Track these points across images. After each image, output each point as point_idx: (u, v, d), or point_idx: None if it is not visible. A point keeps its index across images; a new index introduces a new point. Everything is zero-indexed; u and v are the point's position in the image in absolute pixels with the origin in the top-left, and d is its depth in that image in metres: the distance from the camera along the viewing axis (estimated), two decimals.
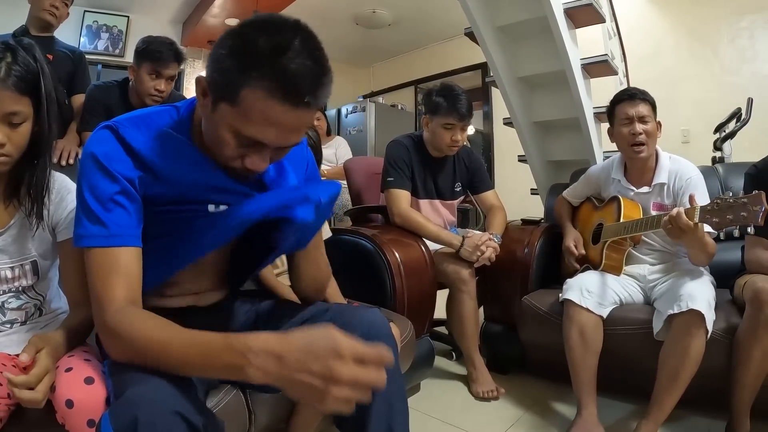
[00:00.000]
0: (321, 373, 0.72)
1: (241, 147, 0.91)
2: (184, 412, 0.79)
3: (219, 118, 0.88)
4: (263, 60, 0.81)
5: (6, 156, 1.05)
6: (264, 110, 0.84)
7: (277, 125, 0.86)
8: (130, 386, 0.80)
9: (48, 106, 1.08)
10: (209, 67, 0.88)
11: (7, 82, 1.00)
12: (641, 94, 1.97)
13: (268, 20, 0.85)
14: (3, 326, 1.17)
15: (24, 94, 1.03)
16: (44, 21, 2.39)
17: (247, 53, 0.82)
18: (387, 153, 2.38)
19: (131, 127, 0.99)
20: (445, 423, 1.94)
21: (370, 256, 1.99)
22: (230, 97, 0.84)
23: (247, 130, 0.87)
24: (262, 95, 0.82)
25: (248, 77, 0.82)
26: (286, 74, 0.81)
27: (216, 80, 0.86)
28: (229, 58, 0.83)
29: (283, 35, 0.83)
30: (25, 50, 1.06)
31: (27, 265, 1.18)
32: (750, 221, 1.43)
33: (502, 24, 3.06)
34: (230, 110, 0.86)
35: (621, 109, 1.99)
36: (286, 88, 0.82)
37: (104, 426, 0.78)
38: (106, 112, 2.30)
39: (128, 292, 0.93)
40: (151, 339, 0.85)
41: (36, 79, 1.05)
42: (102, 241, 0.93)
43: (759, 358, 1.51)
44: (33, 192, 1.14)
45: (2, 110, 1.01)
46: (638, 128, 1.92)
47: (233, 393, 1.21)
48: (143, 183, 0.99)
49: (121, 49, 5.95)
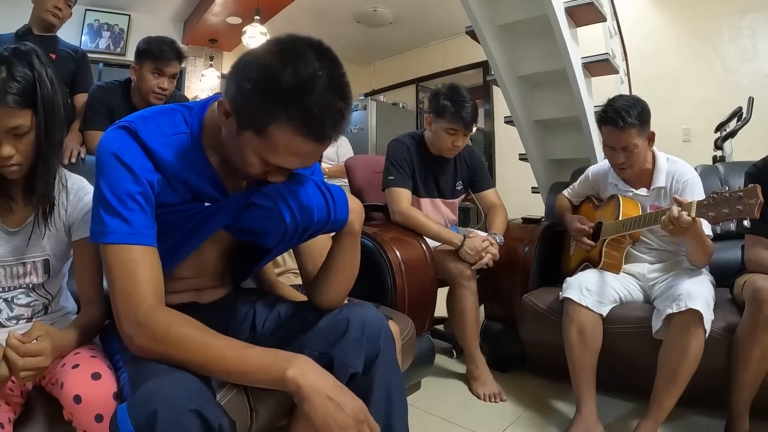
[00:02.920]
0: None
1: (265, 167, 0.94)
2: (201, 409, 0.81)
3: (244, 143, 0.91)
4: (290, 99, 0.83)
5: (16, 165, 1.09)
6: (290, 145, 0.87)
7: (301, 156, 0.91)
8: (149, 379, 0.83)
9: (47, 113, 1.08)
10: (232, 93, 0.89)
11: (5, 99, 1.01)
12: (624, 120, 1.84)
13: (291, 49, 0.86)
14: (9, 321, 1.20)
15: (23, 107, 1.04)
16: (47, 21, 2.41)
17: (274, 91, 0.83)
18: (388, 152, 2.39)
19: (146, 129, 1.00)
20: (445, 420, 1.95)
21: (371, 254, 2.00)
22: (257, 129, 0.87)
23: (273, 159, 0.91)
24: (289, 133, 0.85)
25: (275, 116, 0.84)
26: (313, 115, 0.84)
27: (242, 111, 0.88)
28: (255, 93, 0.85)
29: (308, 67, 0.84)
30: (22, 58, 1.06)
31: (39, 263, 1.22)
32: (746, 214, 1.44)
33: (503, 23, 3.08)
34: (257, 140, 0.89)
35: (606, 132, 1.93)
36: (312, 128, 0.86)
37: (121, 418, 0.80)
38: (109, 111, 2.32)
39: (156, 290, 0.95)
40: (191, 337, 0.90)
41: (34, 90, 1.05)
42: (125, 238, 0.94)
43: (758, 357, 1.52)
44: (43, 192, 1.16)
45: (5, 126, 1.03)
46: (621, 158, 1.91)
47: (235, 391, 1.22)
48: (158, 186, 1.00)
49: (122, 48, 5.95)
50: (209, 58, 6.44)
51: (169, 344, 0.90)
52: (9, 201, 1.18)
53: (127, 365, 0.97)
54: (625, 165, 1.93)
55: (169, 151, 1.01)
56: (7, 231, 1.17)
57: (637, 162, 1.94)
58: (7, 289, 1.19)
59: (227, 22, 5.85)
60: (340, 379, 1.03)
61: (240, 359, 0.90)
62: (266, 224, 1.03)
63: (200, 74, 6.29)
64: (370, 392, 1.03)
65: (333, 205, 1.04)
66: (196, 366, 0.89)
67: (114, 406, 0.92)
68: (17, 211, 1.19)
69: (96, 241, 0.98)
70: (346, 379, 1.04)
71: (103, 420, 0.91)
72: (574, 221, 2.16)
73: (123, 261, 0.94)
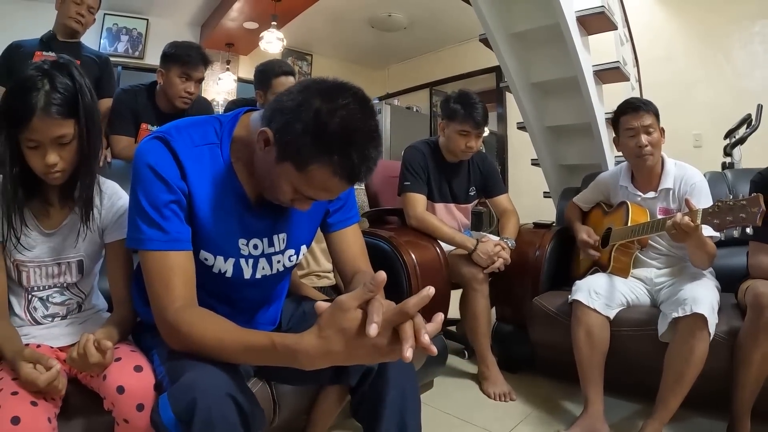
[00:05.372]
0: (367, 352, 0.85)
1: (294, 195, 1.02)
2: (235, 395, 0.90)
3: (281, 172, 0.99)
4: (335, 145, 0.91)
5: (60, 172, 1.15)
6: (325, 182, 0.96)
7: (332, 192, 1.01)
8: (186, 371, 0.92)
9: (88, 122, 1.15)
10: (278, 127, 0.96)
11: (49, 110, 1.08)
12: (645, 106, 2.01)
13: (339, 96, 0.94)
14: (44, 319, 1.27)
15: (67, 117, 1.11)
16: (71, 28, 2.46)
17: (321, 135, 0.91)
18: (404, 158, 2.46)
19: (179, 138, 1.06)
20: (457, 418, 2.00)
21: (388, 256, 2.06)
22: (298, 165, 0.95)
23: (306, 191, 0.99)
24: (327, 173, 0.94)
25: (318, 158, 0.92)
26: (353, 162, 0.93)
27: (287, 146, 0.95)
28: (303, 135, 0.92)
29: (353, 118, 0.93)
30: (63, 69, 1.13)
31: (73, 264, 1.29)
32: (748, 222, 1.50)
33: (516, 31, 3.11)
34: (295, 173, 0.96)
35: (625, 120, 2.04)
36: (349, 173, 0.94)
37: (162, 407, 0.89)
38: (134, 115, 2.36)
39: (186, 291, 1.03)
40: (207, 337, 0.96)
41: (76, 100, 1.12)
42: (162, 245, 1.02)
43: (759, 361, 1.57)
44: (84, 197, 1.23)
45: (50, 136, 1.10)
46: (644, 140, 1.97)
47: (260, 385, 1.31)
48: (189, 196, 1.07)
49: (140, 52, 6.06)
50: (226, 61, 6.52)
51: (194, 343, 0.97)
52: (46, 205, 1.25)
53: (164, 360, 1.05)
54: (647, 150, 1.99)
55: (198, 161, 1.08)
56: (44, 233, 1.24)
57: (657, 150, 2.00)
58: (43, 288, 1.26)
59: (244, 26, 5.92)
60: (356, 374, 1.12)
61: (253, 359, 0.99)
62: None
63: (217, 78, 6.36)
64: (385, 389, 1.10)
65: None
66: (219, 359, 0.96)
67: (153, 396, 1.01)
68: (54, 215, 1.26)
69: (134, 247, 1.07)
70: (361, 373, 1.12)
71: (143, 409, 0.99)
72: (581, 232, 2.21)
73: (158, 266, 1.02)
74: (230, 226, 1.12)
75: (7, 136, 1.12)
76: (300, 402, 1.45)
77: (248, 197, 1.13)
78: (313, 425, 1.51)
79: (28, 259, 1.23)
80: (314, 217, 1.27)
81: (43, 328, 1.27)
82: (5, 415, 0.92)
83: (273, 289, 1.31)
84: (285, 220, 1.20)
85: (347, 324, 0.83)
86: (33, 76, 1.10)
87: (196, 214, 1.08)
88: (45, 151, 1.12)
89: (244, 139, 1.10)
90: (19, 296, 1.26)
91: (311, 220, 1.27)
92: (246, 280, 1.18)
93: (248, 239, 1.15)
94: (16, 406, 0.95)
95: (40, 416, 0.96)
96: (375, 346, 0.83)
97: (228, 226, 1.12)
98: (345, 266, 1.30)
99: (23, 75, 1.11)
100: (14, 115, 1.09)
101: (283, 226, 1.20)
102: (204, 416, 0.86)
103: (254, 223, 1.15)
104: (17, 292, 1.26)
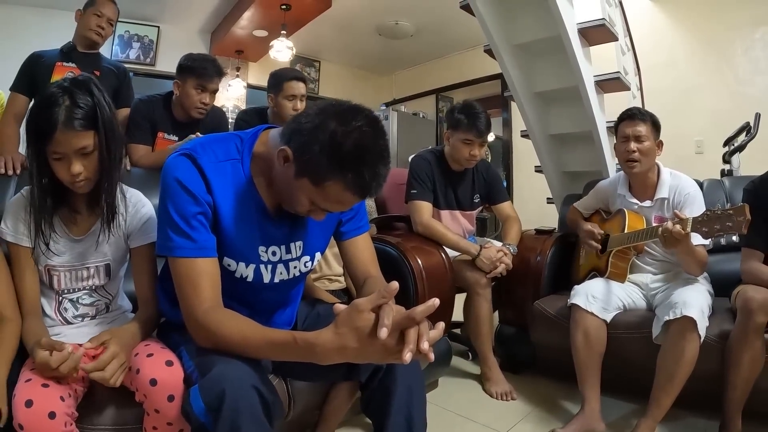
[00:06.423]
0: (377, 351, 0.93)
1: (311, 207, 1.13)
2: (259, 387, 1.00)
3: (299, 187, 1.09)
4: (349, 164, 1.01)
5: (84, 180, 1.24)
6: (339, 196, 1.06)
7: (346, 205, 1.11)
8: (215, 366, 1.02)
9: (108, 133, 1.24)
10: (297, 147, 1.06)
11: (70, 124, 1.17)
12: (641, 115, 2.09)
13: (353, 118, 1.04)
14: (75, 319, 1.37)
15: (87, 129, 1.20)
16: (90, 39, 2.51)
17: (337, 155, 1.01)
18: (411, 167, 2.55)
19: (204, 155, 1.16)
20: (460, 416, 2.08)
21: (395, 261, 2.14)
22: (315, 181, 1.05)
23: (322, 204, 1.10)
24: (342, 188, 1.04)
25: (333, 175, 1.02)
26: (365, 179, 1.03)
27: (306, 164, 1.05)
28: (320, 154, 1.01)
29: (366, 139, 1.03)
30: (82, 86, 1.22)
31: (102, 267, 1.38)
32: (735, 230, 1.58)
33: (519, 42, 3.19)
34: (312, 187, 1.06)
35: (621, 127, 2.13)
36: (362, 189, 1.05)
37: (194, 398, 1.00)
38: (151, 124, 2.41)
39: (213, 294, 1.13)
40: (233, 334, 1.06)
41: (95, 113, 1.21)
42: (191, 252, 1.12)
43: (748, 362, 1.64)
44: (110, 203, 1.32)
45: (73, 147, 1.20)
46: (632, 146, 2.05)
47: (276, 381, 1.39)
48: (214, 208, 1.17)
49: (152, 59, 6.14)
50: (236, 68, 6.57)
51: (220, 342, 1.08)
52: (74, 213, 1.34)
53: (193, 355, 1.15)
54: (635, 156, 2.06)
55: (221, 175, 1.17)
56: (73, 239, 1.34)
57: (646, 159, 2.07)
58: (73, 290, 1.36)
59: (254, 34, 5.98)
60: (365, 371, 1.21)
61: (275, 355, 1.10)
62: None
63: (227, 84, 6.41)
64: (393, 386, 1.19)
65: None
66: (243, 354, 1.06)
67: (183, 389, 1.10)
68: (81, 222, 1.35)
69: (164, 254, 1.17)
70: (371, 371, 1.21)
71: (174, 400, 1.09)
72: (587, 225, 2.29)
73: (188, 272, 1.13)
74: (251, 234, 1.22)
75: (35, 150, 1.22)
76: (313, 398, 1.53)
77: (267, 208, 1.22)
78: (325, 420, 1.60)
79: (58, 263, 1.32)
80: (328, 227, 1.36)
81: (74, 327, 1.36)
82: (19, 400, 1.01)
83: (289, 293, 1.40)
84: (301, 229, 1.29)
85: (361, 323, 0.93)
86: (54, 93, 1.18)
87: (220, 223, 1.17)
88: (70, 162, 1.20)
89: (263, 155, 1.20)
90: (50, 298, 1.35)
91: (325, 229, 1.36)
92: (265, 284, 1.28)
93: (267, 246, 1.25)
94: (29, 391, 1.04)
95: (51, 395, 1.05)
96: (384, 347, 0.92)
97: (249, 235, 1.22)
98: (356, 271, 1.39)
99: (46, 93, 1.20)
100: (39, 130, 1.19)
101: (300, 234, 1.29)
102: (232, 405, 0.96)
103: (273, 232, 1.24)
104: (48, 294, 1.35)
